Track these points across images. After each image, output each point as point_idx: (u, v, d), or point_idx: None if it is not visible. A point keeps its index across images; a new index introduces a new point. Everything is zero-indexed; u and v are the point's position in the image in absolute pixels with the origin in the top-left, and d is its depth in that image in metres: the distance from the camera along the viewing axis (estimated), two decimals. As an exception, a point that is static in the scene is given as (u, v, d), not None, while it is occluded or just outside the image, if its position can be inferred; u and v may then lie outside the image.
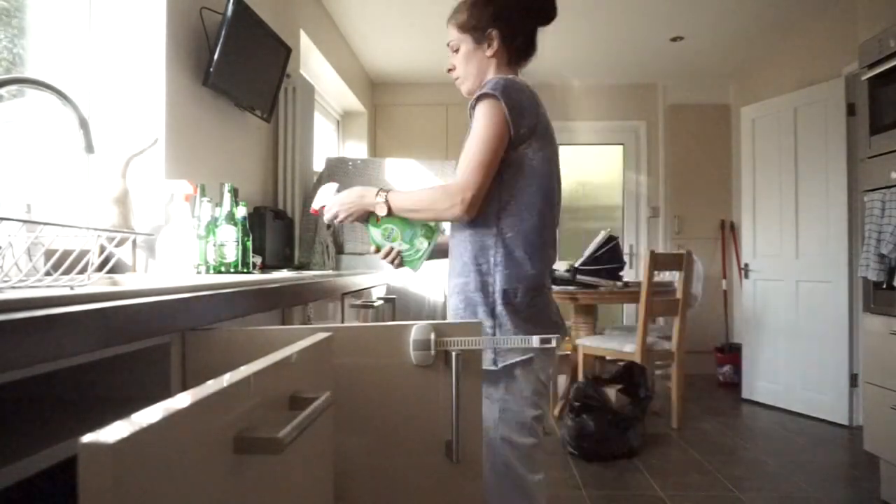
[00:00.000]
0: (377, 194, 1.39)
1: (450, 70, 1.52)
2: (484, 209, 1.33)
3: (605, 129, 5.37)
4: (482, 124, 1.30)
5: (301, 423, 0.60)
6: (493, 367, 1.31)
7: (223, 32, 2.03)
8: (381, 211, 1.38)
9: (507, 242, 1.33)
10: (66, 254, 1.27)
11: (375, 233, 1.43)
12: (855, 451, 3.07)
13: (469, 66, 1.47)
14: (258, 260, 2.14)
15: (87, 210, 1.76)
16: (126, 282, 1.37)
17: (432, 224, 1.44)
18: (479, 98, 1.33)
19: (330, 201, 1.46)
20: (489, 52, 1.44)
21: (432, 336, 0.98)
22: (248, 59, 2.25)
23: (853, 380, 3.51)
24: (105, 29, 1.82)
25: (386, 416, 0.99)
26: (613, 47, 4.44)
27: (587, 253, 3.78)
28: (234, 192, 1.84)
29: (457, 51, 1.49)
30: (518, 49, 1.46)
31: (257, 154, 2.64)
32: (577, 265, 3.72)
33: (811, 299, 3.77)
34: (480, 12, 1.42)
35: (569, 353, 4.04)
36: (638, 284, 3.58)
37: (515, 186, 1.33)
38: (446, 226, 1.54)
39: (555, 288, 3.59)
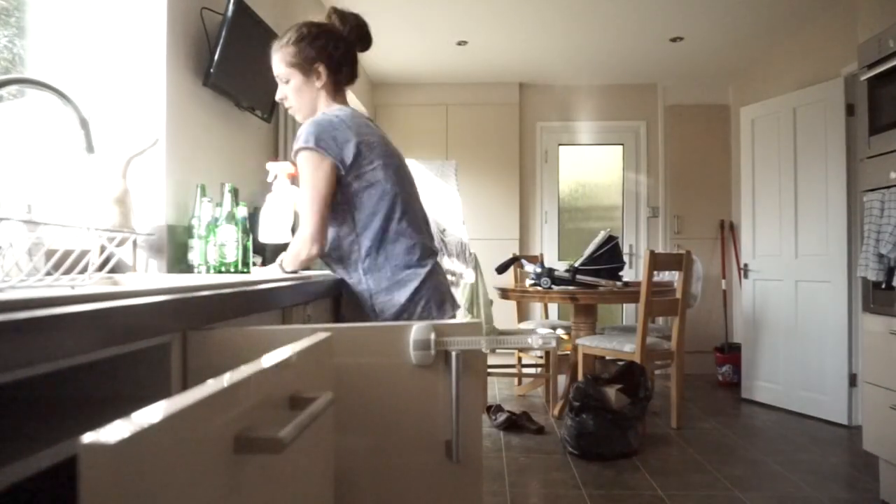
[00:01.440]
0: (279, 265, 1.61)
1: (282, 100, 1.66)
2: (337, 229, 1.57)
3: (605, 129, 5.37)
4: (306, 174, 1.51)
5: (301, 423, 0.60)
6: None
7: (223, 32, 2.03)
8: (281, 273, 1.59)
9: (370, 255, 1.57)
10: (67, 254, 1.27)
11: None
12: (854, 451, 3.08)
13: (301, 97, 1.63)
14: (258, 260, 2.14)
15: (88, 210, 1.77)
16: (126, 282, 1.37)
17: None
18: (297, 152, 1.52)
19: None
20: (318, 84, 1.62)
21: (432, 336, 0.98)
22: (248, 59, 2.24)
23: (853, 380, 3.51)
24: (105, 29, 1.82)
25: (386, 416, 0.99)
26: (613, 47, 4.45)
27: (587, 253, 3.78)
28: (235, 192, 1.84)
29: (286, 81, 1.63)
30: (343, 78, 1.66)
31: (257, 154, 2.64)
32: (576, 265, 3.73)
33: (811, 299, 3.77)
34: (307, 49, 1.59)
35: (569, 353, 4.04)
36: (638, 284, 3.58)
37: (366, 205, 1.55)
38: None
39: (555, 288, 3.61)
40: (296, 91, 1.62)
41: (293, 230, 2.09)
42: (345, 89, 1.69)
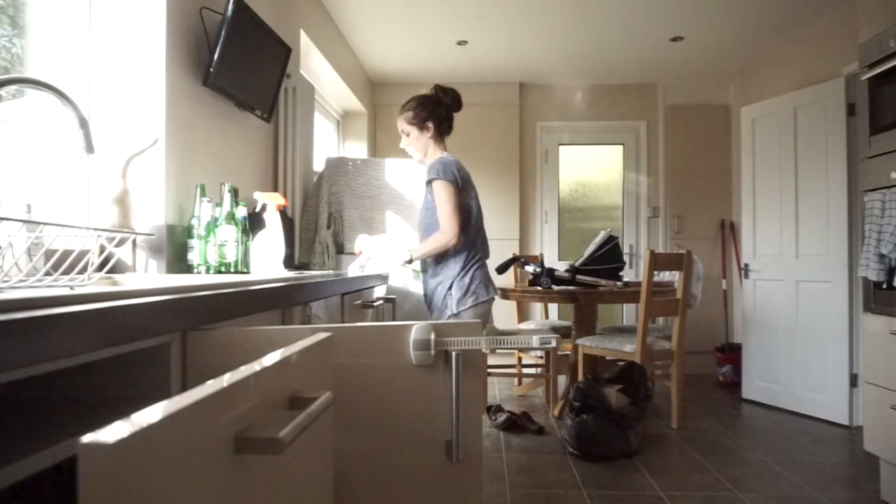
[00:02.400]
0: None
1: (404, 147, 2.49)
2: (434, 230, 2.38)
3: (605, 129, 5.37)
4: (442, 195, 2.31)
5: (301, 423, 0.60)
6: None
7: (223, 32, 2.03)
8: (400, 261, 2.36)
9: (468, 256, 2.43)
10: (66, 254, 1.27)
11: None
12: (855, 451, 3.08)
13: (417, 143, 2.46)
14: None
15: (87, 210, 1.77)
16: (126, 282, 1.37)
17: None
18: (431, 181, 2.33)
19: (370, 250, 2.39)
20: (428, 136, 2.44)
21: (432, 336, 0.98)
22: (248, 59, 2.24)
23: (853, 380, 3.51)
24: (105, 29, 1.82)
25: (386, 416, 0.99)
26: (613, 47, 4.45)
27: (587, 253, 3.78)
28: (234, 192, 1.84)
29: (408, 134, 2.46)
30: (445, 130, 2.48)
31: (257, 154, 2.64)
32: (577, 265, 3.73)
33: (811, 299, 3.77)
34: (420, 113, 2.43)
35: (569, 353, 4.04)
36: (638, 284, 3.58)
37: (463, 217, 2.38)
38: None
39: (555, 288, 3.60)
40: (414, 139, 2.45)
41: (293, 256, 2.70)
42: (445, 138, 2.49)
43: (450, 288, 2.37)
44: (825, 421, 3.65)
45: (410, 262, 2.33)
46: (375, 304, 2.28)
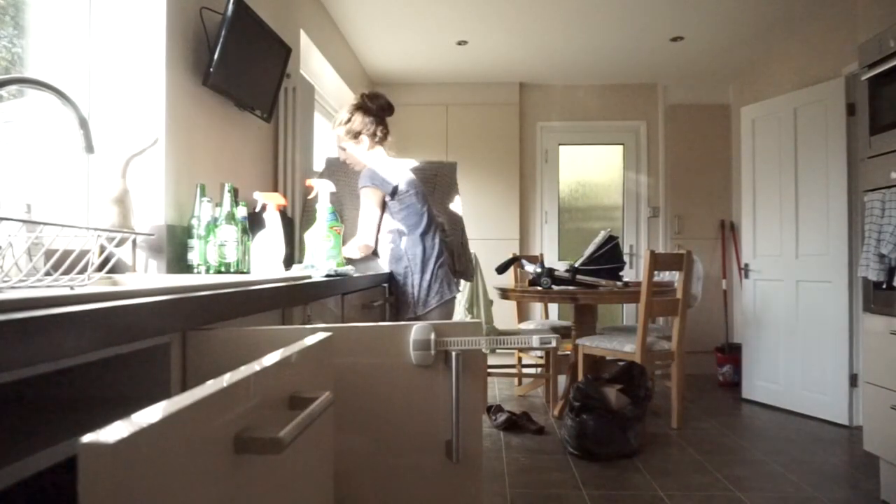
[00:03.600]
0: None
1: (344, 160, 2.56)
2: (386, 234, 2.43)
3: (605, 129, 5.37)
4: (363, 205, 2.39)
5: (301, 423, 0.60)
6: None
7: (223, 32, 2.03)
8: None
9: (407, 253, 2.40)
10: (66, 254, 1.27)
11: None
12: (855, 451, 3.08)
13: (356, 156, 2.49)
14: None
15: (87, 210, 1.77)
16: (126, 282, 1.37)
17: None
18: (360, 188, 2.39)
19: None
20: (365, 147, 2.47)
21: (432, 336, 0.98)
22: (248, 59, 2.24)
23: (853, 380, 3.51)
24: (105, 29, 1.82)
25: (386, 416, 0.99)
26: (613, 47, 4.45)
27: (587, 253, 3.78)
28: (234, 192, 1.84)
29: (344, 149, 2.50)
30: (380, 138, 2.49)
31: (257, 154, 2.64)
32: (577, 265, 3.73)
33: (811, 299, 3.77)
34: (352, 127, 2.45)
35: (569, 353, 4.04)
36: (638, 284, 3.58)
37: (405, 221, 2.39)
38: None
39: (555, 288, 3.61)
40: (351, 154, 2.49)
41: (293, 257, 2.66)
42: (383, 144, 2.50)
43: (407, 286, 2.37)
44: (825, 421, 3.65)
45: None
46: (375, 303, 2.28)
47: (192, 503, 0.47)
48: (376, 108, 2.45)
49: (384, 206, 2.38)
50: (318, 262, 2.00)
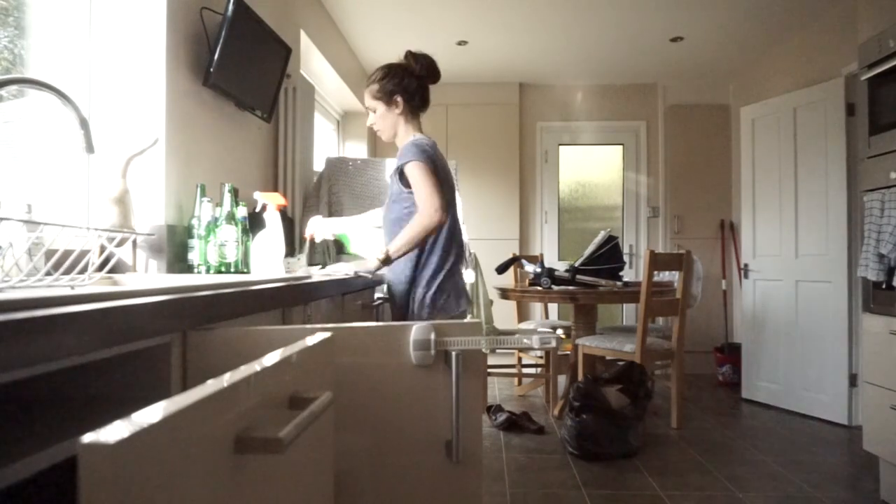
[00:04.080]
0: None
1: (371, 125, 2.11)
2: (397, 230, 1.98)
3: (605, 129, 5.37)
4: (421, 177, 1.90)
5: (301, 423, 0.60)
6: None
7: (223, 32, 2.03)
8: (376, 264, 1.95)
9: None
10: (67, 254, 1.27)
11: None
12: (855, 451, 3.08)
13: (385, 122, 2.07)
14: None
15: (87, 210, 1.77)
16: (126, 282, 1.37)
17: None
18: (404, 165, 1.93)
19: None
20: (398, 111, 2.05)
21: (432, 336, 0.98)
22: (248, 59, 2.24)
23: (853, 380, 3.51)
24: (105, 29, 1.82)
25: (386, 416, 0.99)
26: (613, 47, 4.45)
27: (587, 253, 3.78)
28: (235, 192, 1.85)
29: (374, 111, 2.08)
30: (417, 106, 2.08)
31: (257, 154, 2.64)
32: (577, 265, 3.73)
33: (811, 299, 3.77)
34: (387, 84, 2.03)
35: (569, 353, 4.04)
36: (638, 284, 3.58)
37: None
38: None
39: (555, 288, 3.61)
40: (381, 117, 2.06)
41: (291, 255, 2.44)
42: (419, 115, 2.11)
43: (412, 294, 2.00)
44: (825, 421, 3.65)
45: (389, 261, 1.93)
46: (375, 304, 2.28)
47: (192, 503, 0.47)
48: (420, 68, 2.05)
49: (399, 191, 1.98)
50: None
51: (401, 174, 1.97)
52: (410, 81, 2.03)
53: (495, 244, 5.08)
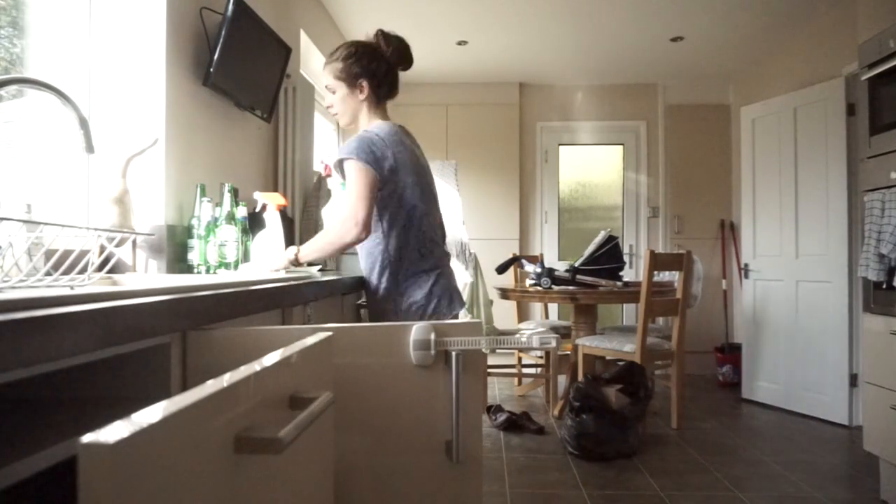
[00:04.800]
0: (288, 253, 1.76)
1: (328, 107, 1.88)
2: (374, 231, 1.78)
3: (605, 129, 5.37)
4: (352, 179, 1.70)
5: (301, 423, 0.60)
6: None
7: (223, 32, 2.03)
8: (285, 264, 1.74)
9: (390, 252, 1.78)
10: (66, 254, 1.27)
11: None
12: (855, 451, 3.08)
13: (345, 106, 1.84)
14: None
15: (87, 210, 1.77)
16: (126, 282, 1.37)
17: None
18: (341, 161, 1.73)
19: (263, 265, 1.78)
20: (361, 97, 1.82)
21: (432, 336, 0.98)
22: (248, 59, 2.24)
23: (853, 380, 3.51)
24: (105, 29, 1.82)
25: (386, 416, 0.99)
26: (613, 47, 4.45)
27: (587, 253, 3.78)
28: (235, 192, 1.84)
29: (334, 92, 1.84)
30: (384, 93, 1.85)
31: (257, 154, 2.64)
32: (577, 265, 3.72)
33: (811, 299, 3.77)
34: (353, 66, 1.79)
35: (569, 353, 4.04)
36: (638, 284, 3.58)
37: (393, 216, 1.76)
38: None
39: (555, 288, 3.61)
40: (341, 100, 1.83)
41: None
42: (385, 103, 1.88)
43: (394, 306, 1.80)
44: (825, 421, 3.65)
45: (298, 264, 1.74)
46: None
47: (192, 503, 0.47)
48: (392, 52, 1.82)
49: (376, 187, 1.73)
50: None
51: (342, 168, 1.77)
52: (380, 65, 1.81)
53: (495, 244, 5.08)
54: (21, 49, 1.63)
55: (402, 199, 1.76)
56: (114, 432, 0.38)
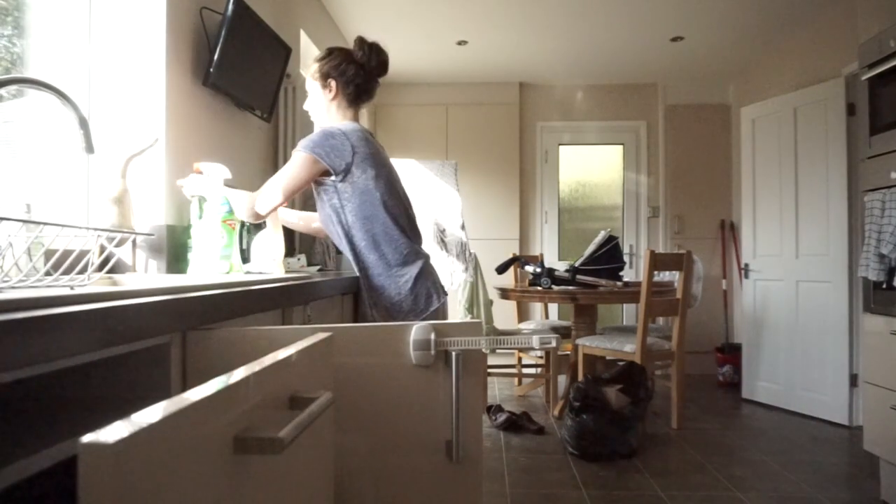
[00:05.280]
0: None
1: (305, 108, 1.97)
2: (331, 227, 1.82)
3: (605, 129, 5.37)
4: (288, 165, 1.75)
5: (301, 423, 0.60)
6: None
7: (223, 32, 2.03)
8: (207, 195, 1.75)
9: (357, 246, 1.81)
10: (66, 254, 1.27)
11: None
12: (855, 451, 3.08)
13: (316, 105, 1.92)
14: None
15: (87, 210, 1.77)
16: (126, 282, 1.37)
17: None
18: (295, 151, 1.76)
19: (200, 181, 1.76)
20: (330, 96, 1.89)
21: (432, 336, 0.98)
22: (248, 59, 2.24)
23: (853, 380, 3.51)
24: (105, 28, 1.82)
25: (386, 416, 0.99)
26: (613, 47, 4.45)
27: (587, 253, 3.78)
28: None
29: (309, 93, 1.92)
30: (352, 94, 1.90)
31: (257, 154, 2.64)
32: (577, 265, 3.73)
33: (811, 299, 3.77)
34: (324, 66, 1.88)
35: (569, 353, 4.04)
36: (638, 284, 3.58)
37: (356, 206, 1.78)
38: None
39: (555, 288, 3.61)
40: (313, 99, 1.92)
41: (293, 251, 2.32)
42: (357, 105, 1.92)
43: (371, 307, 1.83)
44: (825, 421, 3.65)
45: (204, 196, 1.73)
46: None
47: (191, 503, 0.47)
48: (363, 56, 1.88)
49: (309, 180, 1.76)
50: (208, 263, 1.67)
51: None
52: (349, 67, 1.87)
53: (495, 244, 5.08)
54: (21, 49, 1.63)
55: (366, 191, 1.77)
56: (114, 432, 0.38)
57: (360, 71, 1.88)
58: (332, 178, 1.76)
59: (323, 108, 1.90)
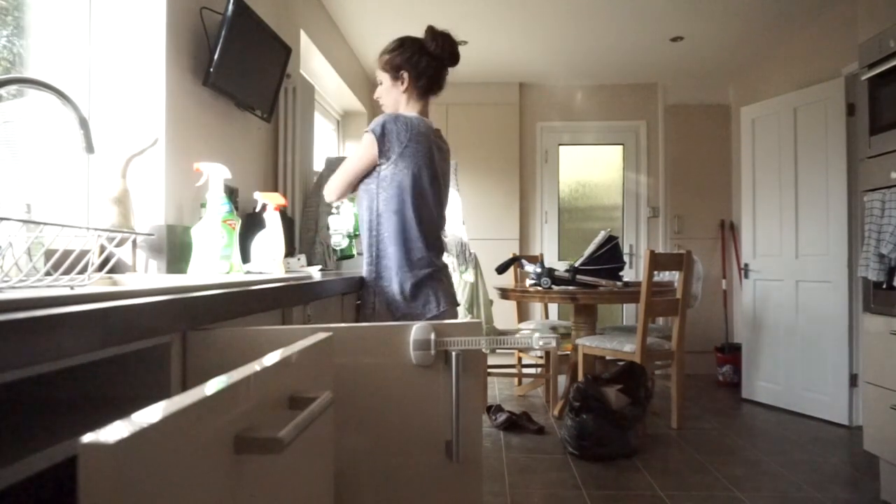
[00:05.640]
0: None
1: (377, 98, 2.00)
2: (362, 209, 1.88)
3: (605, 129, 5.37)
4: (356, 149, 1.84)
5: (301, 423, 0.60)
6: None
7: (223, 32, 2.03)
8: None
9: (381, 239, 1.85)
10: (66, 254, 1.27)
11: None
12: (855, 451, 3.08)
13: (388, 96, 1.94)
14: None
15: (87, 210, 1.77)
16: (126, 282, 1.37)
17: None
18: (365, 132, 1.84)
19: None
20: (402, 88, 1.92)
21: (432, 336, 0.98)
22: (248, 59, 2.24)
23: (853, 380, 3.51)
24: (105, 28, 1.82)
25: (386, 416, 0.99)
26: (613, 47, 4.45)
27: (587, 253, 3.78)
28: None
29: (381, 83, 1.95)
30: (423, 86, 1.92)
31: (257, 154, 2.64)
32: (577, 265, 3.72)
33: (811, 299, 3.77)
34: (396, 58, 1.89)
35: (569, 353, 4.04)
36: (638, 284, 3.58)
37: (389, 196, 1.83)
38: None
39: (555, 288, 3.60)
40: (385, 90, 1.94)
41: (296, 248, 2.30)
42: (428, 97, 1.96)
43: (372, 301, 1.86)
44: (825, 421, 3.65)
45: None
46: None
47: (192, 503, 0.47)
48: (436, 47, 1.88)
49: (371, 164, 1.84)
50: (208, 264, 1.61)
51: None
52: (421, 59, 1.88)
53: (495, 244, 5.08)
54: (21, 49, 1.63)
55: (402, 185, 1.81)
56: (114, 432, 0.38)
57: (432, 62, 1.90)
58: (379, 160, 1.81)
59: (394, 99, 1.93)
